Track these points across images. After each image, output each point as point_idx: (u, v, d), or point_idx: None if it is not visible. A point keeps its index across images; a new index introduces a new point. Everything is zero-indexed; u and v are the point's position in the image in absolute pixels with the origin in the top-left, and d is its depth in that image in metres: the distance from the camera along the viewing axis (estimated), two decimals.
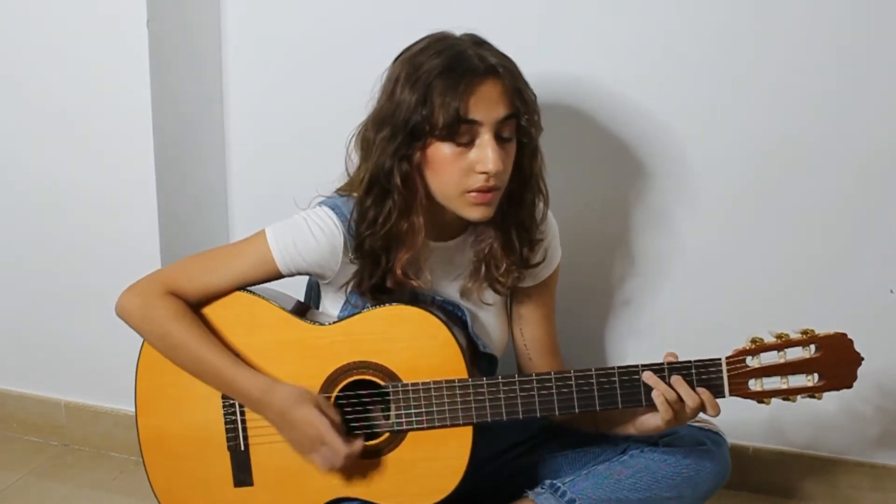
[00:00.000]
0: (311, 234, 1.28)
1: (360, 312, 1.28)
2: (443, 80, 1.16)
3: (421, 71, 1.18)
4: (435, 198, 1.24)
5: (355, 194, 1.29)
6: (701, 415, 1.23)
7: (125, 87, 1.68)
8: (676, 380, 1.21)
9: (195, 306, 1.31)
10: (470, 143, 1.19)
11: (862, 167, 1.55)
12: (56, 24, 1.71)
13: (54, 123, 1.77)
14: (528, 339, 1.43)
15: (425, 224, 1.25)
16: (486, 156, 1.18)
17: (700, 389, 1.21)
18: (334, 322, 1.30)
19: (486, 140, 1.19)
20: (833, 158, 1.56)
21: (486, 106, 1.18)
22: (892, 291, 1.59)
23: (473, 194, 1.21)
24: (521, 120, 1.22)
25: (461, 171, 1.20)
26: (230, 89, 1.82)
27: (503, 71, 1.20)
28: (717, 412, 1.21)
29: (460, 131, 1.18)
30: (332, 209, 1.29)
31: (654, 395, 1.20)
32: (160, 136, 1.69)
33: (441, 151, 1.19)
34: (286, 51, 1.77)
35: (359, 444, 1.24)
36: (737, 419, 1.62)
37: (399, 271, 1.26)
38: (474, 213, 1.23)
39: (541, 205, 1.33)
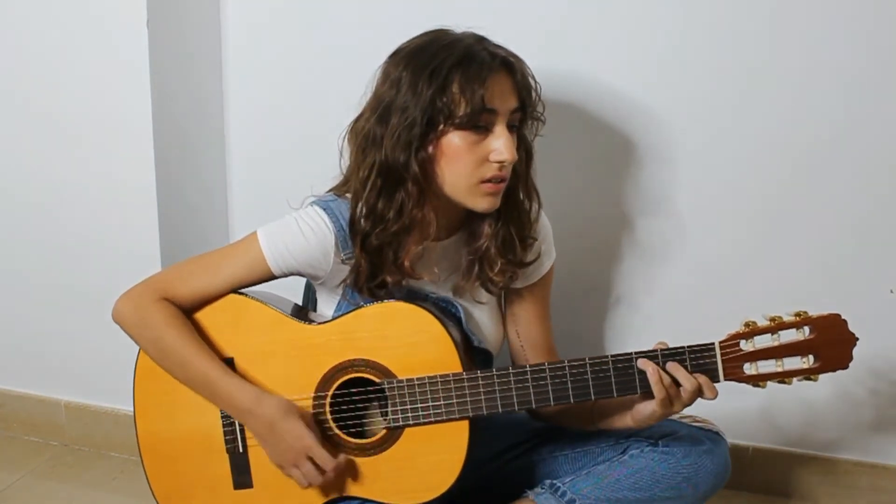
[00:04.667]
0: (302, 234, 1.28)
1: (353, 310, 1.28)
2: (461, 71, 1.18)
3: (435, 62, 1.18)
4: (444, 190, 1.25)
5: (349, 195, 1.29)
6: (701, 414, 1.23)
7: (125, 88, 1.68)
8: (673, 366, 1.20)
9: (190, 310, 1.31)
10: (485, 133, 1.21)
11: (863, 167, 1.55)
12: (55, 25, 1.71)
13: (54, 124, 1.77)
14: (525, 339, 1.43)
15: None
16: (501, 145, 1.21)
17: (696, 374, 1.20)
18: (328, 321, 1.30)
19: (500, 129, 1.21)
20: (834, 157, 1.56)
21: (501, 97, 1.21)
22: (892, 291, 1.59)
23: (487, 184, 1.23)
24: (528, 113, 1.25)
25: (475, 161, 1.22)
26: (230, 90, 1.83)
27: (513, 64, 1.23)
28: (715, 395, 1.21)
29: (480, 120, 1.20)
30: (324, 209, 1.29)
31: (649, 373, 1.19)
32: (160, 137, 1.70)
33: (456, 141, 1.21)
34: (286, 51, 1.77)
35: (342, 458, 1.25)
36: (736, 419, 1.62)
37: (407, 264, 1.26)
38: (484, 204, 1.25)
39: (535, 206, 1.33)
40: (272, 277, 1.31)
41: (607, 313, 1.74)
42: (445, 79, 1.18)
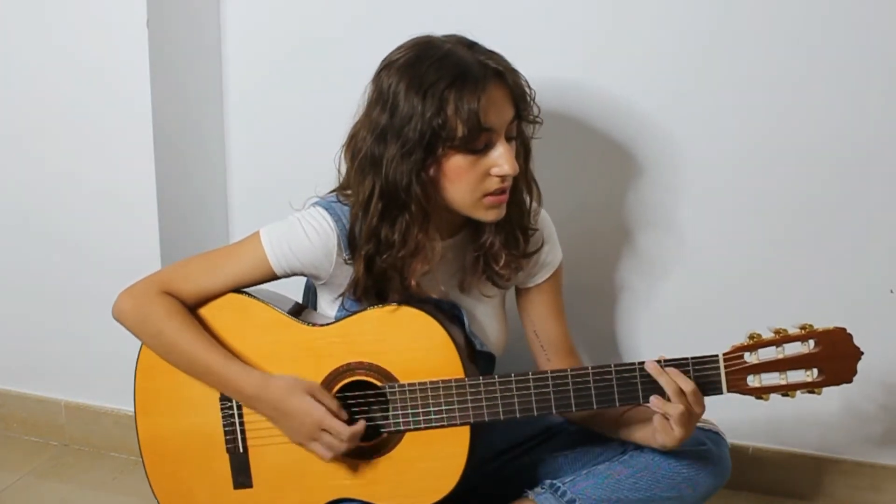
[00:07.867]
0: (305, 234, 1.28)
1: (356, 313, 1.28)
2: (455, 92, 1.16)
3: (427, 83, 1.17)
4: (449, 205, 1.25)
5: (353, 199, 1.29)
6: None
7: (125, 87, 1.68)
8: (672, 370, 1.20)
9: (191, 308, 1.31)
10: (485, 150, 1.20)
11: (863, 167, 1.55)
12: (56, 24, 1.71)
13: (54, 124, 1.77)
14: (544, 340, 1.43)
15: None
16: (503, 160, 1.20)
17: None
18: (331, 323, 1.30)
19: (501, 144, 1.21)
20: (833, 158, 1.55)
21: (497, 111, 1.20)
22: (892, 291, 1.59)
23: (491, 197, 1.23)
24: (525, 118, 1.25)
25: (478, 178, 1.21)
26: (230, 89, 1.82)
27: (505, 73, 1.21)
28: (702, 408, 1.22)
29: (479, 140, 1.19)
30: (327, 209, 1.29)
31: (663, 383, 1.19)
32: (160, 137, 1.69)
33: (457, 161, 1.20)
34: (286, 51, 1.77)
35: (360, 425, 1.24)
36: (737, 419, 1.62)
37: (414, 283, 1.26)
38: (490, 215, 1.25)
39: (534, 197, 1.33)
40: (274, 277, 1.31)
41: (610, 317, 1.74)
42: (440, 100, 1.16)
